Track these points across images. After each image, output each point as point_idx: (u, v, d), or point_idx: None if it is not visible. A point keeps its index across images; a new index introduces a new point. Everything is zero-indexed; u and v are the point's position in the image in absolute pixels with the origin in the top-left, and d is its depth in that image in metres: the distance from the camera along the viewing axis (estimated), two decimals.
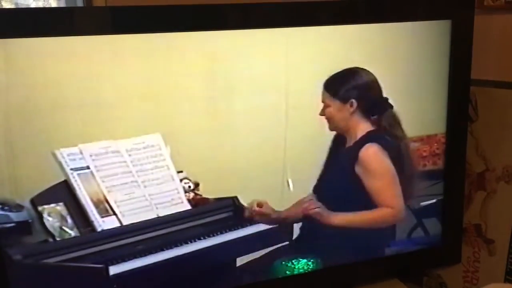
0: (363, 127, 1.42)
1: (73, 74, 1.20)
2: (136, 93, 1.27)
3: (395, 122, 1.44)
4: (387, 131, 1.43)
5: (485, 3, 1.48)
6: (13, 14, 1.24)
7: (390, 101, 1.43)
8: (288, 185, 1.43)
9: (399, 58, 1.47)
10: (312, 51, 1.39)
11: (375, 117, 1.42)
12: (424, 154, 1.53)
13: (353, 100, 1.39)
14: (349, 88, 1.39)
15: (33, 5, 1.76)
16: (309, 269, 1.48)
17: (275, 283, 1.47)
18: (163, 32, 1.24)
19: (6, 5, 1.71)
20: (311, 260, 1.48)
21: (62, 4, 1.66)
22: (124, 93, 1.26)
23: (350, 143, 1.44)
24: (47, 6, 1.73)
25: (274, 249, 1.45)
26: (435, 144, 1.53)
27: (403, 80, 1.48)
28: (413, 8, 1.45)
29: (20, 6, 1.75)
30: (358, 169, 1.42)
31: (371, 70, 1.42)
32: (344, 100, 1.39)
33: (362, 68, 1.40)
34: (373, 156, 1.42)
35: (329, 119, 1.40)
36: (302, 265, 1.47)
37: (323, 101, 1.39)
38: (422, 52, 1.48)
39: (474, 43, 1.47)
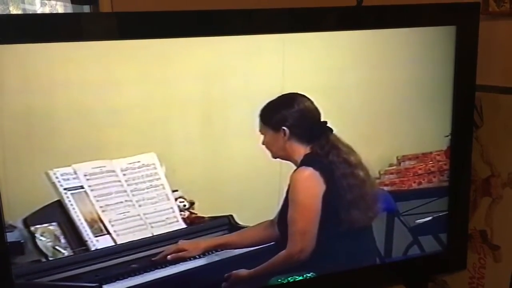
0: (300, 151, 1.38)
1: (66, 87, 1.20)
2: (132, 111, 1.27)
3: (333, 145, 1.38)
4: (322, 155, 1.38)
5: (490, 9, 1.47)
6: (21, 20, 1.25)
7: (329, 124, 1.38)
8: None
9: (404, 64, 1.46)
10: (312, 57, 1.38)
11: (312, 142, 1.38)
12: (420, 172, 1.52)
13: (285, 128, 1.36)
14: (280, 116, 1.36)
15: (39, 11, 1.77)
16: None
17: None
18: (165, 38, 1.24)
19: (14, 11, 1.73)
20: (309, 275, 1.46)
21: (69, 10, 1.68)
22: (119, 111, 1.26)
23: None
24: (54, 12, 1.74)
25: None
26: (430, 162, 1.52)
27: (407, 86, 1.47)
28: (418, 14, 1.44)
29: (27, 12, 1.76)
30: (289, 196, 1.37)
31: (375, 77, 1.42)
32: (276, 128, 1.36)
33: (297, 94, 1.36)
34: (302, 181, 1.38)
35: (268, 148, 1.37)
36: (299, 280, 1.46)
37: (260, 131, 1.36)
38: (427, 58, 1.47)
39: (479, 48, 1.45)
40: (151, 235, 1.34)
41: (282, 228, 1.39)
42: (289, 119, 1.36)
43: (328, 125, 1.38)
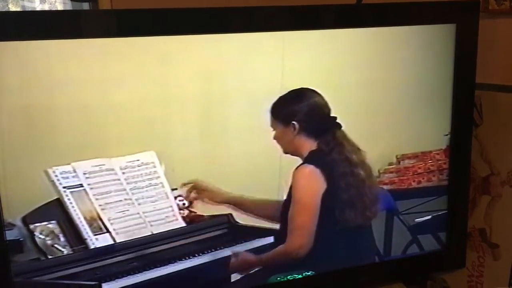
0: (307, 146, 1.39)
1: (65, 85, 1.20)
2: (131, 109, 1.26)
3: (338, 142, 1.39)
4: (326, 152, 1.39)
5: (490, 7, 1.47)
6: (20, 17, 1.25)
7: (338, 120, 1.39)
8: None
9: (403, 62, 1.46)
10: (311, 55, 1.38)
11: (320, 138, 1.39)
12: (419, 170, 1.52)
13: (295, 123, 1.37)
14: (290, 111, 1.36)
15: (38, 8, 1.77)
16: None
17: None
18: (165, 35, 1.24)
19: (13, 8, 1.73)
20: (308, 274, 1.46)
21: (68, 7, 1.67)
22: (118, 109, 1.25)
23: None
24: (53, 9, 1.74)
25: None
26: (430, 161, 1.52)
27: (407, 84, 1.47)
28: (418, 12, 1.43)
29: (26, 9, 1.76)
30: (291, 192, 1.39)
31: (374, 75, 1.42)
32: (286, 123, 1.37)
33: (308, 89, 1.36)
34: (302, 179, 1.38)
35: (278, 143, 1.38)
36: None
37: (271, 126, 1.37)
38: (427, 56, 1.47)
39: (479, 47, 1.45)
40: (150, 233, 1.34)
41: (283, 222, 1.40)
42: (299, 114, 1.37)
43: (337, 120, 1.39)
